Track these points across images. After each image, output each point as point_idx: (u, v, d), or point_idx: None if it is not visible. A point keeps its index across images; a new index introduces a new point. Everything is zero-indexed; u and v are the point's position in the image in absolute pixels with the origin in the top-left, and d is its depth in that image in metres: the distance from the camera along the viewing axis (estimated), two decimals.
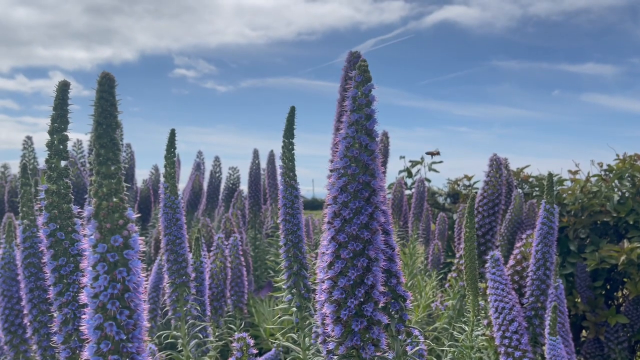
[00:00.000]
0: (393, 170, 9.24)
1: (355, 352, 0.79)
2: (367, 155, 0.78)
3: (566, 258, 3.05)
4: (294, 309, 1.41)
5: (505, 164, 2.94)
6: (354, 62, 1.40)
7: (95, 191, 0.58)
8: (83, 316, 0.59)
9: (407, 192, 4.06)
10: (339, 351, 0.80)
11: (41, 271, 1.05)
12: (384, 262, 0.85)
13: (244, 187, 4.16)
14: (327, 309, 0.79)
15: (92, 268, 0.58)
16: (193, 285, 1.64)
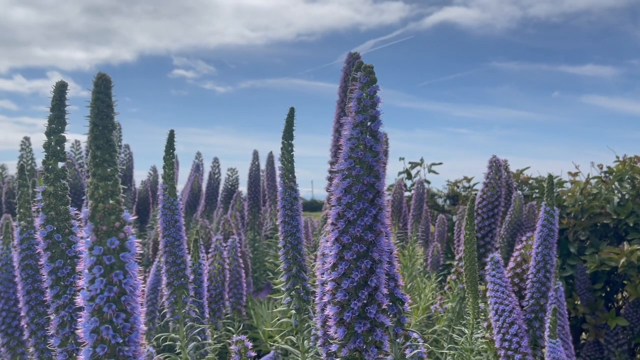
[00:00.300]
0: (392, 171, 9.24)
1: (357, 355, 0.79)
2: (372, 156, 0.77)
3: (566, 260, 3.04)
4: (293, 311, 1.40)
5: (505, 166, 2.94)
6: (354, 63, 1.40)
7: (91, 193, 0.58)
8: (80, 319, 0.59)
9: (407, 194, 4.05)
10: (342, 353, 0.79)
11: (38, 273, 1.04)
12: None
13: (243, 189, 4.15)
14: (330, 311, 0.79)
15: (89, 271, 0.58)
16: (191, 287, 1.64)
